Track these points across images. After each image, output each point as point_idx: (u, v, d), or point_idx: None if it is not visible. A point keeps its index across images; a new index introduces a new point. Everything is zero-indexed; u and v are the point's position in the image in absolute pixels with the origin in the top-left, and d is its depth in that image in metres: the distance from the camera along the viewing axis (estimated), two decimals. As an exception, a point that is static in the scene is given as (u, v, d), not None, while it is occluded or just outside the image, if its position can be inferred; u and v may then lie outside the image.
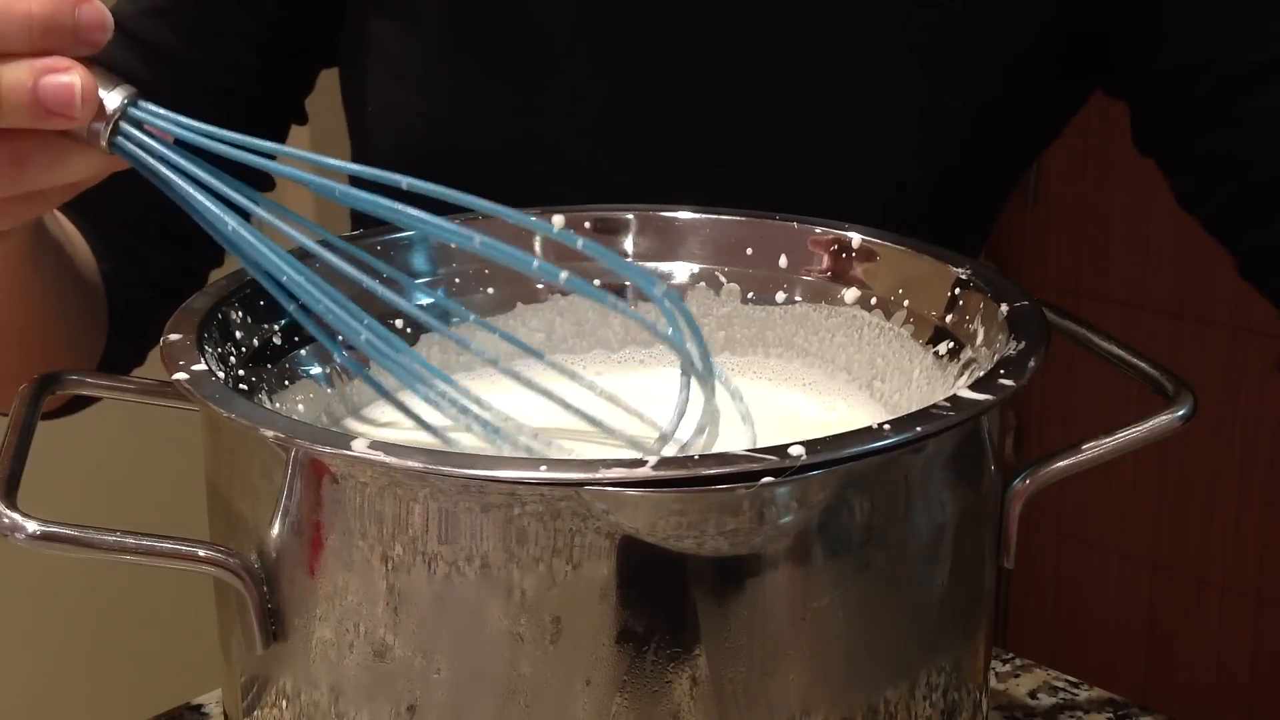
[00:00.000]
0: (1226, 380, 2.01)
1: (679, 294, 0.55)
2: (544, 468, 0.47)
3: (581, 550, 0.47)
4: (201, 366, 0.55)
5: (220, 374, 0.57)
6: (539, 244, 0.71)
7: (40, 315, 0.75)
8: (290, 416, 0.60)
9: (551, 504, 0.47)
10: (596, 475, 0.46)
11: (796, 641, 0.50)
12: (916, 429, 0.50)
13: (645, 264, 0.72)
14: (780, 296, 0.71)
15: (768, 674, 0.50)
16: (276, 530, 0.52)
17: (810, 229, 0.70)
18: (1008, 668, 0.84)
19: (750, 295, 0.71)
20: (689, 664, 0.49)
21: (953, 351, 0.64)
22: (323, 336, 0.61)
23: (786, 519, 0.48)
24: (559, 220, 0.71)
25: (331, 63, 0.89)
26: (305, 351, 0.66)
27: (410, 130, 0.84)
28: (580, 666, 0.49)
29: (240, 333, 0.63)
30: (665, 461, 0.46)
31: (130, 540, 0.50)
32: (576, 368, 0.71)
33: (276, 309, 0.66)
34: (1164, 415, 0.57)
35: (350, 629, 0.51)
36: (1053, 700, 0.81)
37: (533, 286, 0.72)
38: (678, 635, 0.48)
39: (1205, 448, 2.05)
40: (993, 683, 0.74)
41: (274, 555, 0.52)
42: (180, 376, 0.54)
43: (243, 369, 0.62)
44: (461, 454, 0.48)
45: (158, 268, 0.83)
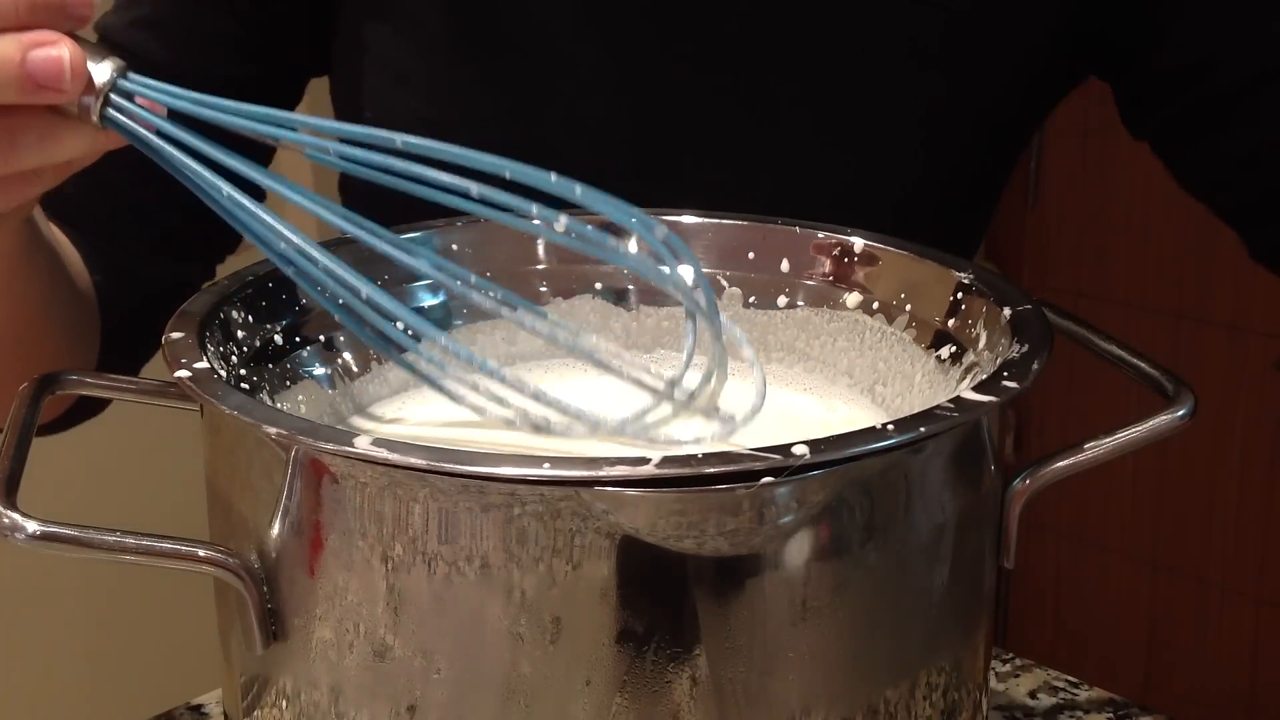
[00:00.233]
0: (1226, 380, 2.01)
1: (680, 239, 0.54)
2: (546, 465, 0.47)
3: (581, 550, 0.47)
4: (204, 365, 0.55)
5: (222, 372, 0.57)
6: (541, 247, 0.71)
7: (34, 320, 0.74)
8: (293, 414, 0.60)
9: (551, 504, 0.47)
10: (599, 474, 0.46)
11: (796, 641, 0.50)
12: (920, 429, 0.50)
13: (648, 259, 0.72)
14: (782, 301, 0.71)
15: (768, 674, 0.50)
16: (276, 530, 0.52)
17: (812, 233, 0.70)
18: (1008, 668, 0.84)
19: (752, 299, 0.71)
20: (689, 664, 0.49)
21: (955, 356, 0.64)
22: (322, 299, 0.59)
23: (786, 519, 0.48)
24: (561, 222, 0.71)
25: (321, 71, 0.89)
26: (307, 351, 0.66)
27: (411, 133, 0.84)
28: (580, 666, 0.49)
29: (242, 332, 0.63)
30: (668, 460, 0.46)
31: (130, 540, 0.50)
32: (576, 372, 0.71)
33: (278, 309, 0.66)
34: (1164, 415, 0.57)
35: (350, 629, 0.51)
36: (1053, 700, 0.81)
37: (535, 289, 0.72)
38: (678, 635, 0.48)
39: (1205, 448, 2.05)
40: (993, 683, 0.74)
41: (274, 555, 0.52)
42: (182, 374, 0.54)
43: (244, 368, 0.62)
44: (463, 452, 0.48)
45: (149, 279, 0.83)
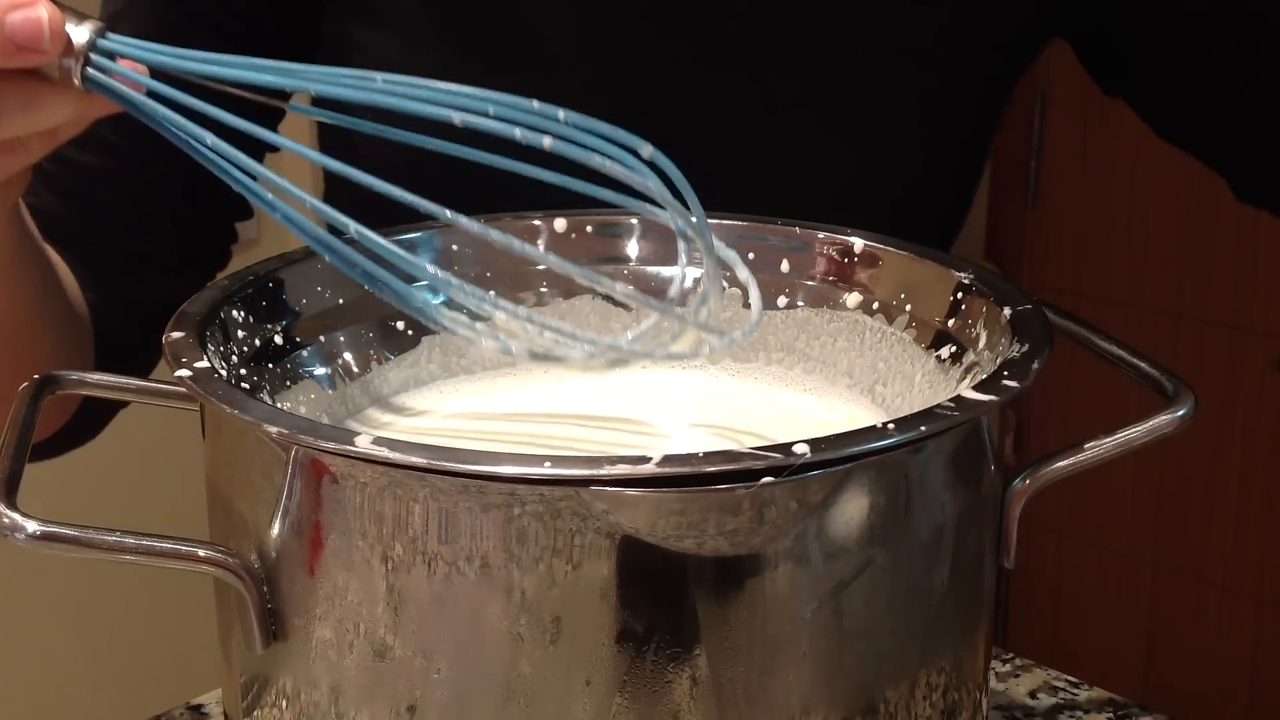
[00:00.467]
0: (1226, 380, 2.01)
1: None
2: (546, 465, 0.47)
3: (581, 550, 0.47)
4: (204, 364, 0.55)
5: (223, 372, 0.57)
6: (542, 247, 0.71)
7: (29, 322, 0.74)
8: (293, 414, 0.60)
9: (551, 504, 0.47)
10: (599, 473, 0.46)
11: (796, 641, 0.50)
12: (921, 428, 0.50)
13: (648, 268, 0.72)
14: (782, 301, 0.71)
15: (768, 674, 0.50)
16: (276, 530, 0.52)
17: (812, 233, 0.70)
18: (1008, 668, 0.84)
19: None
20: (689, 664, 0.49)
21: (955, 356, 0.64)
22: (315, 243, 0.58)
23: (786, 519, 0.48)
24: (560, 223, 0.71)
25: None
26: (307, 351, 0.66)
27: (454, 135, 0.84)
28: (580, 666, 0.48)
29: (242, 332, 0.63)
30: (669, 459, 0.46)
31: (130, 540, 0.50)
32: (577, 371, 0.71)
33: (278, 309, 0.66)
34: (1164, 415, 0.57)
35: (350, 629, 0.51)
36: (1053, 700, 0.81)
37: (537, 288, 0.72)
38: (678, 635, 0.48)
39: (1205, 448, 2.05)
40: (993, 683, 0.74)
41: (274, 555, 0.52)
42: (183, 373, 0.54)
43: (244, 368, 0.62)
44: (463, 451, 0.48)
45: (141, 296, 0.83)
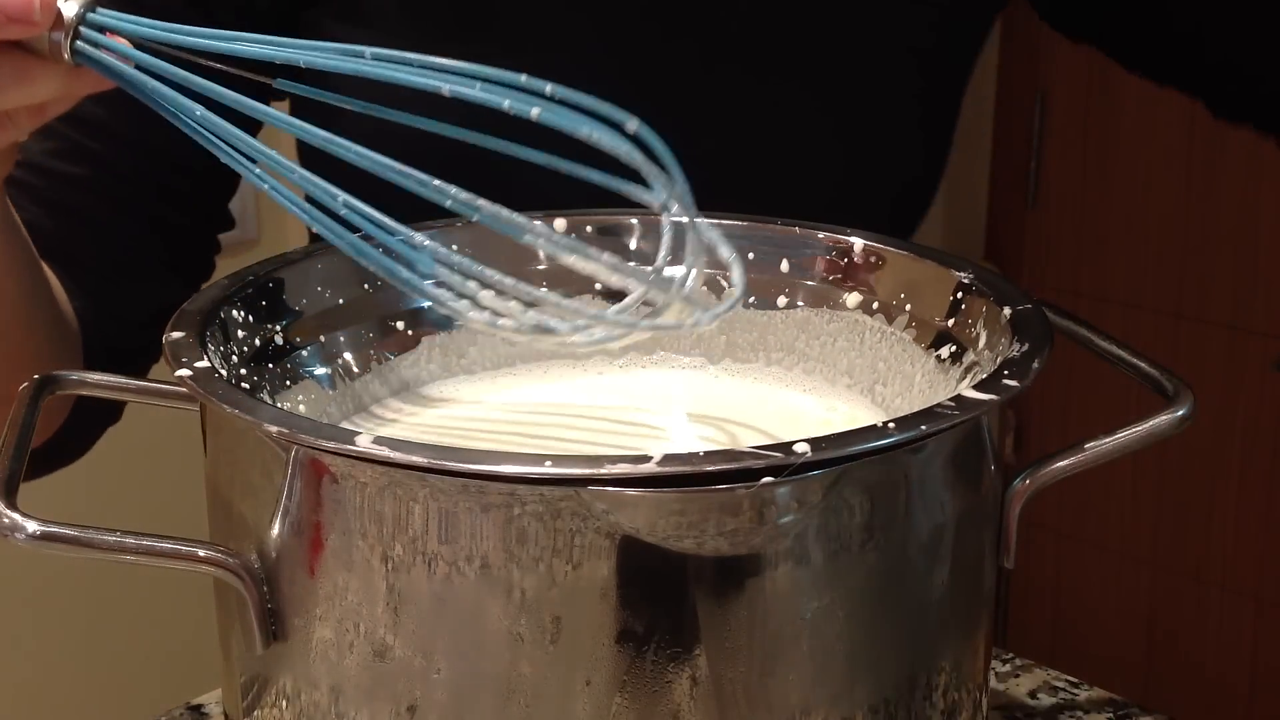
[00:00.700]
0: (1226, 380, 2.01)
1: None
2: (547, 464, 0.47)
3: (581, 550, 0.47)
4: (205, 364, 0.55)
5: (223, 372, 0.57)
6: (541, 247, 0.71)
7: (12, 321, 0.73)
8: (293, 413, 0.60)
9: (551, 504, 0.47)
10: (600, 472, 0.46)
11: (796, 641, 0.50)
12: (921, 427, 0.50)
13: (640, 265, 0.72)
14: (782, 301, 0.71)
15: (768, 674, 0.50)
16: (276, 530, 0.52)
17: (812, 233, 0.70)
18: (1008, 668, 0.84)
19: (752, 300, 0.71)
20: (689, 664, 0.49)
21: (955, 355, 0.64)
22: (304, 214, 0.57)
23: (786, 519, 0.48)
24: (560, 224, 0.71)
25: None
26: (307, 351, 0.66)
27: (403, 137, 0.84)
28: (580, 666, 0.48)
29: (242, 332, 0.63)
30: (670, 458, 0.46)
31: (130, 540, 0.50)
32: (577, 371, 0.71)
33: (278, 309, 0.66)
34: (1164, 415, 0.57)
35: (350, 629, 0.51)
36: (1053, 700, 0.81)
37: (538, 286, 0.72)
38: (678, 635, 0.48)
39: (1205, 448, 2.05)
40: (993, 683, 0.74)
41: (274, 555, 0.52)
42: (184, 373, 0.54)
43: (244, 368, 0.62)
44: (463, 450, 0.48)
45: (127, 304, 0.83)
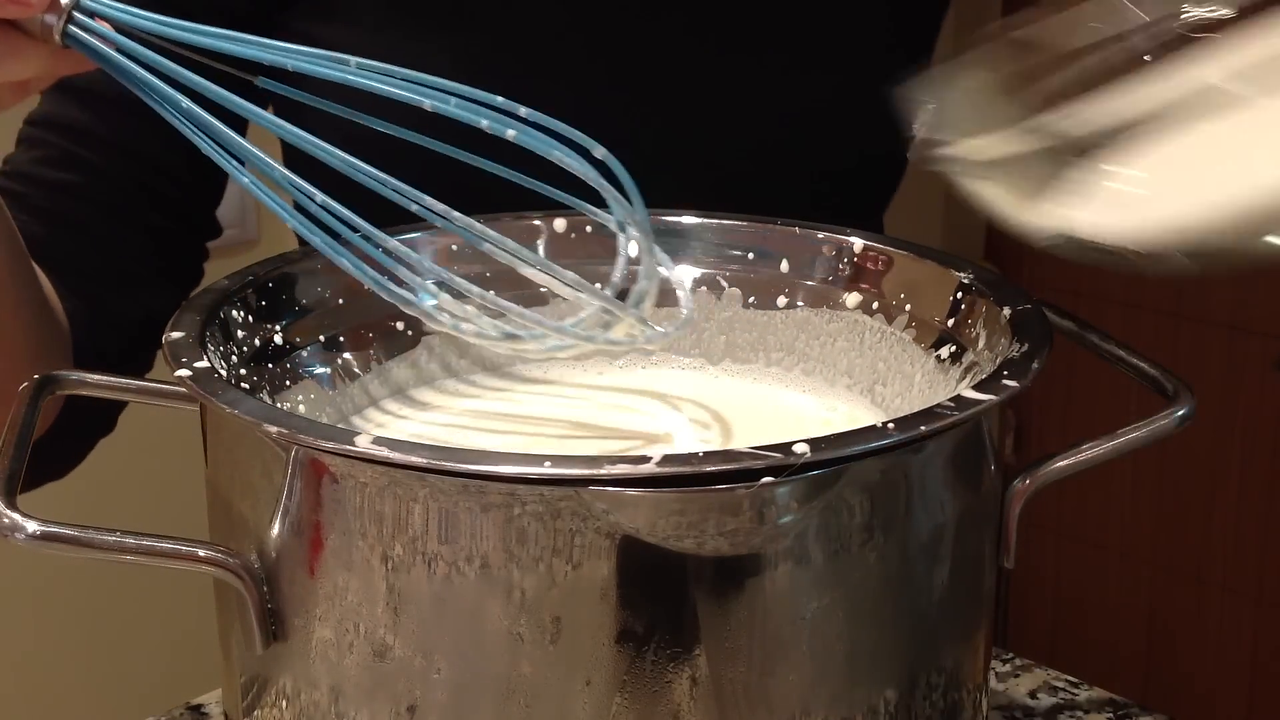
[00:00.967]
0: (1226, 380, 2.01)
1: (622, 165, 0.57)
2: (546, 464, 0.47)
3: (581, 550, 0.47)
4: (205, 364, 0.55)
5: (223, 372, 0.57)
6: (542, 247, 0.72)
7: (7, 316, 0.73)
8: (293, 413, 0.60)
9: (551, 504, 0.47)
10: (600, 472, 0.46)
11: (796, 641, 0.50)
12: (920, 428, 0.50)
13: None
14: (782, 301, 0.71)
15: (768, 674, 0.50)
16: (276, 530, 0.52)
17: (812, 233, 0.70)
18: (1008, 668, 0.84)
19: (752, 300, 0.71)
20: (689, 664, 0.49)
21: (954, 355, 0.64)
22: (281, 209, 0.60)
23: (786, 519, 0.48)
24: (560, 224, 0.71)
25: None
26: (307, 351, 0.66)
27: (387, 137, 0.84)
28: (580, 666, 0.49)
29: (242, 332, 0.63)
30: (669, 458, 0.46)
31: (130, 540, 0.50)
32: (577, 372, 0.71)
33: (278, 309, 0.66)
34: (1164, 415, 0.57)
35: (350, 629, 0.51)
36: (1053, 700, 0.81)
37: (535, 289, 0.72)
38: (678, 635, 0.48)
39: (1205, 448, 2.05)
40: (993, 683, 0.74)
41: (274, 555, 0.52)
42: (183, 373, 0.54)
43: (244, 368, 0.62)
44: (463, 451, 0.48)
45: (117, 308, 0.83)
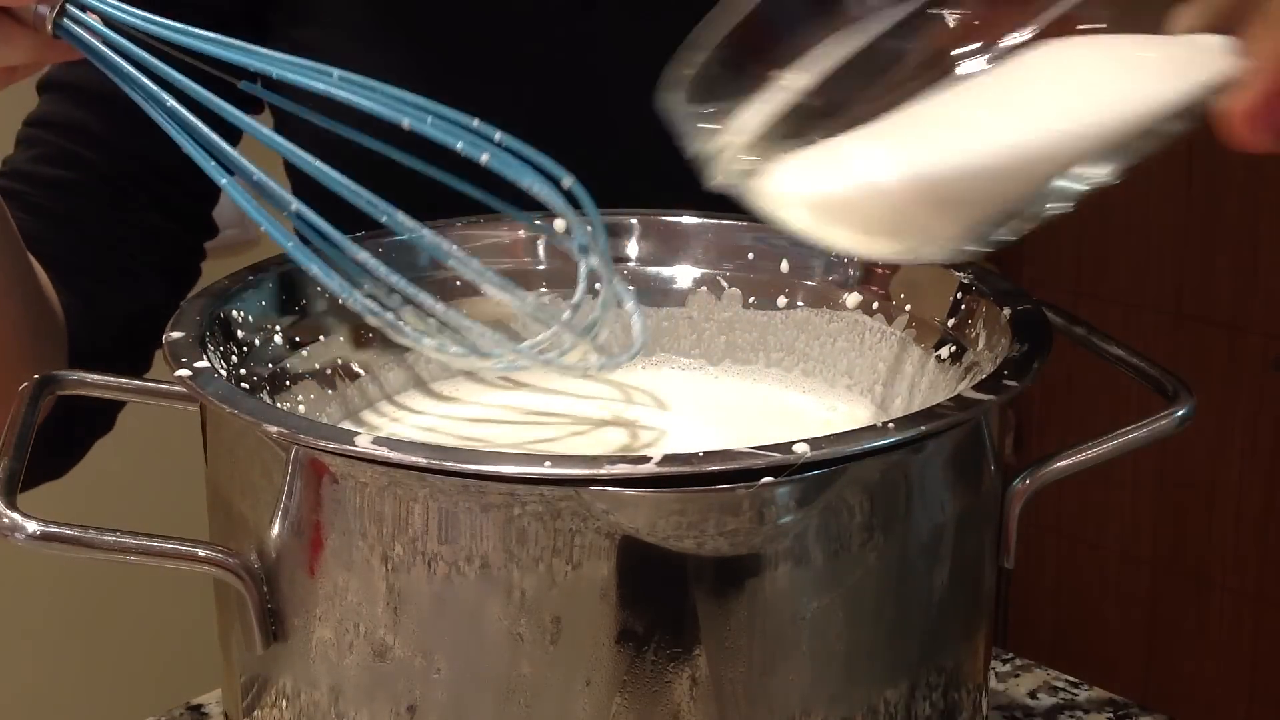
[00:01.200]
0: (1226, 380, 2.01)
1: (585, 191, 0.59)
2: (546, 464, 0.47)
3: (581, 550, 0.47)
4: (204, 364, 0.55)
5: (222, 372, 0.57)
6: (541, 247, 0.72)
7: (3, 311, 0.73)
8: (293, 413, 0.60)
9: (551, 504, 0.47)
10: (600, 472, 0.46)
11: (796, 641, 0.50)
12: (921, 427, 0.50)
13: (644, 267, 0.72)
14: (782, 301, 0.71)
15: (768, 674, 0.50)
16: (276, 530, 0.52)
17: None
18: (1008, 668, 0.84)
19: (752, 300, 0.71)
20: (689, 664, 0.49)
21: (955, 355, 0.64)
22: (255, 213, 0.60)
23: (786, 519, 0.48)
24: (560, 224, 0.71)
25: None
26: (307, 351, 0.66)
27: (394, 140, 0.84)
28: (580, 666, 0.48)
29: (242, 332, 0.63)
30: (670, 458, 0.46)
31: (130, 540, 0.50)
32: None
33: (278, 309, 0.66)
34: (1164, 415, 0.57)
35: (350, 629, 0.51)
36: (1053, 700, 0.81)
37: (535, 289, 0.72)
38: (678, 635, 0.48)
39: (1205, 448, 2.05)
40: (993, 683, 0.74)
41: (274, 555, 0.52)
42: (183, 373, 0.54)
43: (244, 368, 0.62)
44: (463, 450, 0.48)
45: (114, 304, 0.83)
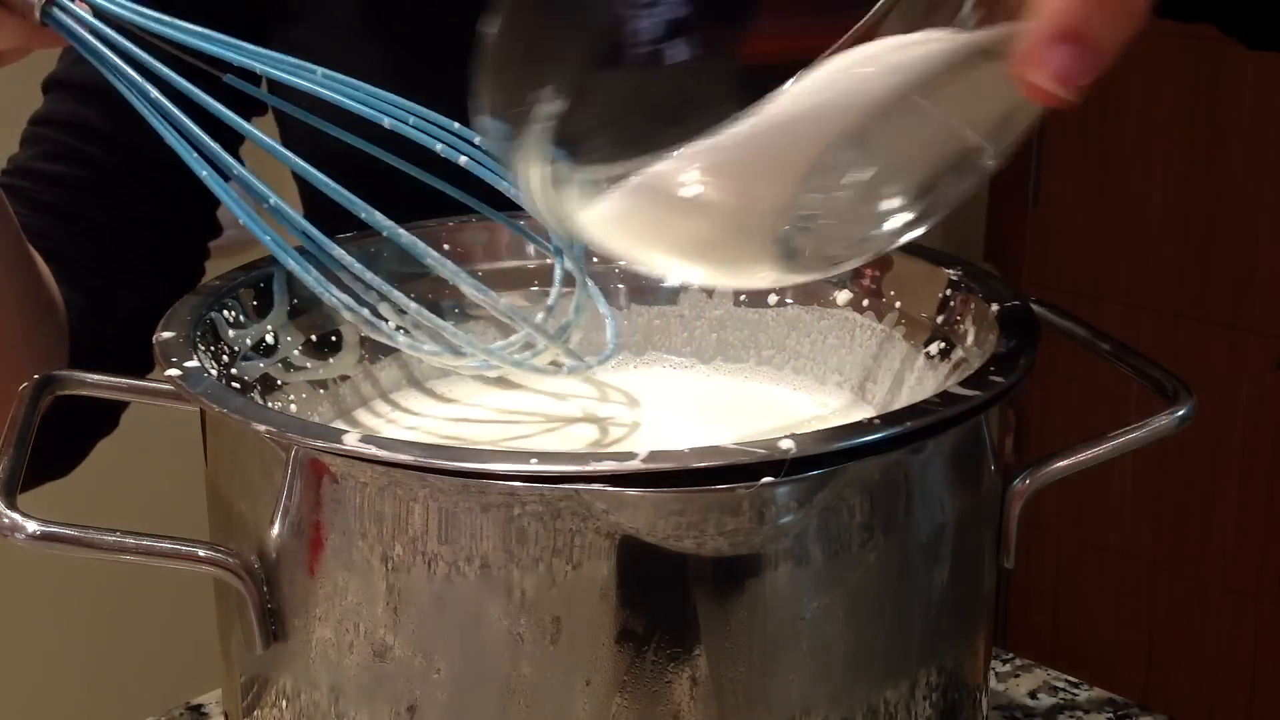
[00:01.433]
0: (1226, 380, 2.01)
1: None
2: (545, 463, 0.47)
3: (581, 550, 0.47)
4: (195, 363, 0.55)
5: (213, 371, 0.57)
6: (533, 246, 0.71)
7: (5, 306, 0.73)
8: (283, 412, 0.60)
9: (551, 504, 0.47)
10: (595, 470, 0.46)
11: (796, 641, 0.50)
12: (906, 424, 0.50)
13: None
14: (772, 299, 0.71)
15: (768, 674, 0.50)
16: (276, 530, 0.52)
17: None
18: (1008, 668, 0.84)
19: (743, 298, 0.71)
20: (689, 664, 0.48)
21: (944, 352, 0.64)
22: (236, 206, 0.62)
23: (786, 519, 0.48)
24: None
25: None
26: (299, 351, 0.66)
27: (390, 139, 0.84)
28: (580, 666, 0.48)
29: (234, 332, 0.63)
30: (656, 455, 0.46)
31: (130, 540, 0.50)
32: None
33: (271, 308, 0.66)
34: (1163, 415, 0.57)
35: (350, 629, 0.50)
36: (1053, 700, 0.81)
37: (528, 290, 0.72)
38: (678, 635, 0.48)
39: (1205, 448, 2.05)
40: (993, 683, 0.74)
41: (274, 555, 0.52)
42: (173, 373, 0.54)
43: (236, 367, 0.62)
44: (460, 449, 0.48)
45: (117, 300, 0.83)
